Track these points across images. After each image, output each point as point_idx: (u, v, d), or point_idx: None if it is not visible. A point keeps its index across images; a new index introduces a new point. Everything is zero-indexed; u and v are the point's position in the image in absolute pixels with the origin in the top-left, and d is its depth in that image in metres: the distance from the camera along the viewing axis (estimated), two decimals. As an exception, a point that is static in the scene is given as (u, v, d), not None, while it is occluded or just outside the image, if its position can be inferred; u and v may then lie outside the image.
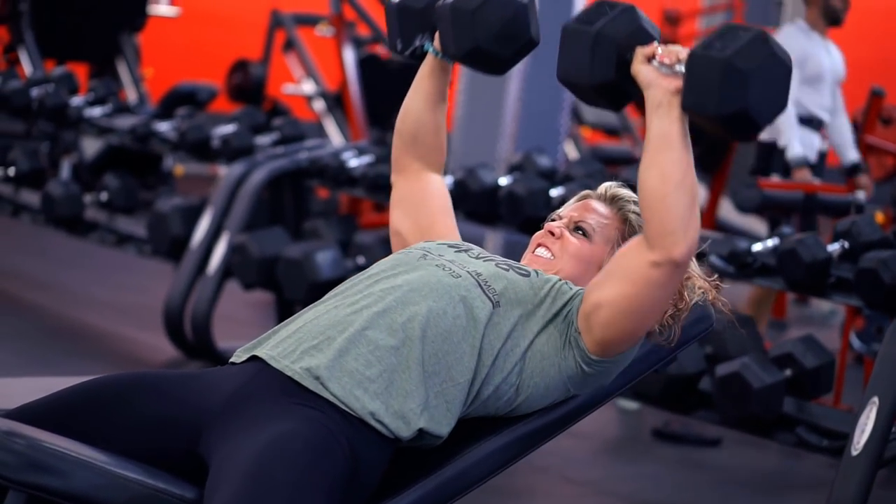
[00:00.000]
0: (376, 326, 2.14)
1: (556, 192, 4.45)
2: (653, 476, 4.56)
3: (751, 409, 3.67)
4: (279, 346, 2.16)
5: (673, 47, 2.10)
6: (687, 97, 2.06)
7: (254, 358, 2.18)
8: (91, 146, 8.03)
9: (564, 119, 6.04)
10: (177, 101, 7.65)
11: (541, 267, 2.34)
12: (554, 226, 2.39)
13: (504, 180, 4.65)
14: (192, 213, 5.29)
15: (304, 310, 2.24)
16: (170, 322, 5.15)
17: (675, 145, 2.07)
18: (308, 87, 8.51)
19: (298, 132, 5.67)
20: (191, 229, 5.25)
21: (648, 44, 2.11)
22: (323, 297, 2.26)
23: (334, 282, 4.62)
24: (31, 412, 2.11)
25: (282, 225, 5.24)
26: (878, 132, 6.93)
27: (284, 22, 8.57)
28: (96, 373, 2.22)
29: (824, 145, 5.98)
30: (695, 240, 2.09)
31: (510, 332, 2.19)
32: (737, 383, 3.68)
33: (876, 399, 3.26)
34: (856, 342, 5.62)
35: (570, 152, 8.65)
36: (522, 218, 4.47)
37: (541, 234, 2.40)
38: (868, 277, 3.53)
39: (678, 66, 2.08)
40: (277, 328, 2.23)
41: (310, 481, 2.00)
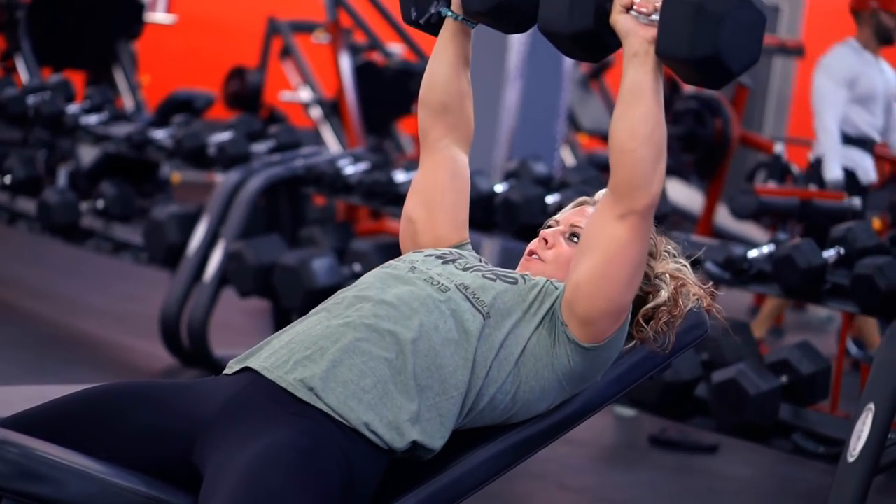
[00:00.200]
0: (369, 339, 2.13)
1: (552, 198, 4.44)
2: (649, 483, 4.56)
3: (747, 416, 3.66)
4: (271, 357, 2.15)
5: None
6: (660, 42, 2.07)
7: (246, 369, 2.17)
8: (88, 154, 8.03)
9: (561, 126, 6.03)
10: (173, 109, 7.65)
11: (535, 274, 2.33)
12: (548, 233, 2.39)
13: (500, 187, 4.65)
14: (189, 221, 5.29)
15: (295, 322, 2.24)
16: (166, 330, 5.14)
17: (646, 98, 2.09)
18: (305, 94, 8.51)
19: (294, 139, 5.67)
20: (187, 237, 5.25)
21: None
22: (316, 307, 2.25)
23: (331, 289, 4.62)
24: (25, 421, 2.10)
25: (278, 232, 5.24)
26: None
27: (281, 29, 8.57)
28: (93, 381, 2.22)
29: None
30: (658, 193, 2.12)
31: (503, 342, 2.19)
32: (733, 390, 3.68)
33: (872, 405, 3.26)
34: (853, 348, 5.63)
35: (567, 159, 8.65)
36: (518, 225, 4.46)
37: (534, 243, 2.40)
38: (864, 283, 3.53)
39: (655, 14, 2.09)
40: (269, 339, 2.22)
41: (304, 491, 1.99)
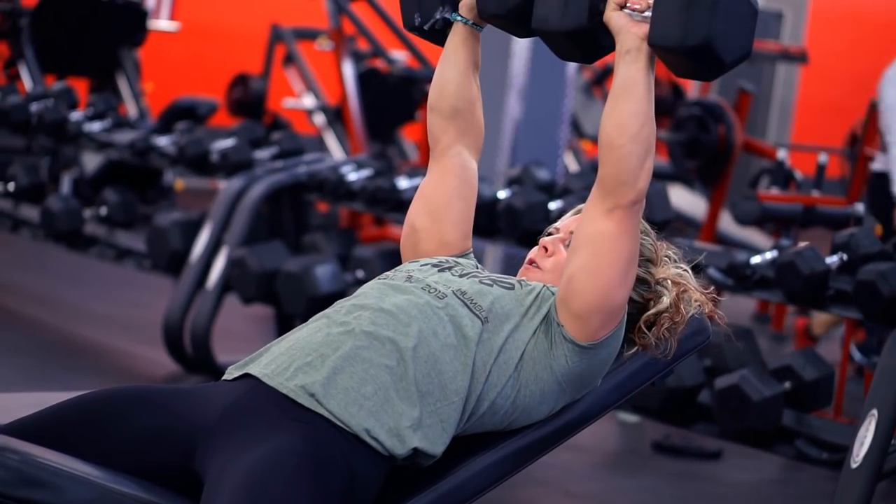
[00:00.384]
0: (370, 346, 2.14)
1: (554, 205, 4.44)
2: (653, 489, 4.55)
3: (750, 422, 3.66)
4: (272, 363, 2.15)
5: None
6: (653, 31, 2.09)
7: (246, 375, 2.17)
8: (92, 161, 8.03)
9: (564, 132, 6.03)
10: (177, 116, 7.66)
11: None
12: (547, 241, 2.39)
13: (503, 193, 4.64)
14: (192, 228, 5.29)
15: (294, 329, 2.24)
16: (169, 336, 5.14)
17: (637, 95, 2.10)
18: (308, 101, 8.50)
19: (297, 146, 5.67)
20: (190, 244, 5.25)
21: None
22: (315, 315, 2.26)
23: (334, 296, 4.62)
24: (25, 427, 2.10)
25: (281, 239, 5.24)
26: (878, 144, 6.92)
27: (284, 36, 8.57)
28: (96, 387, 2.21)
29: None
30: (644, 189, 2.14)
31: (502, 346, 2.19)
32: (736, 396, 3.67)
33: (875, 411, 3.25)
34: (856, 354, 5.61)
35: (571, 165, 8.64)
36: (521, 231, 4.45)
37: (534, 251, 2.40)
38: (866, 290, 3.52)
39: (648, 11, 2.11)
40: (268, 346, 2.22)
41: (306, 496, 1.99)
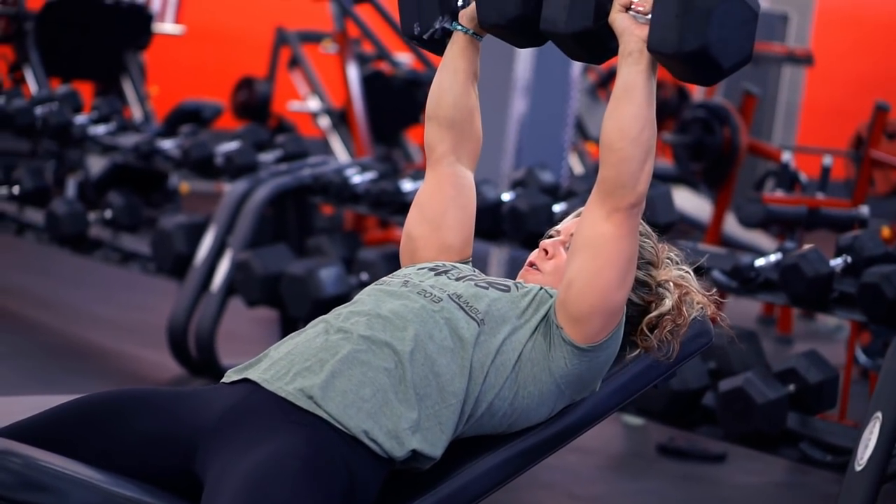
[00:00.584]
0: (368, 350, 2.14)
1: (558, 207, 4.44)
2: (657, 492, 4.54)
3: (754, 425, 3.65)
4: (271, 368, 2.15)
5: None
6: (651, 37, 2.09)
7: (246, 380, 2.17)
8: (97, 164, 8.03)
9: (568, 134, 6.03)
10: (182, 119, 7.67)
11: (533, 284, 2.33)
12: (548, 244, 2.39)
13: (506, 196, 4.64)
14: (196, 231, 5.29)
15: (293, 334, 2.24)
16: (174, 339, 5.14)
17: (638, 98, 2.10)
18: (313, 104, 8.51)
19: (302, 149, 5.67)
20: (194, 247, 5.25)
21: None
22: (313, 320, 2.26)
23: (338, 298, 4.62)
24: (26, 430, 2.10)
25: (285, 242, 5.24)
26: (884, 146, 6.92)
27: (289, 39, 8.57)
28: (100, 390, 2.21)
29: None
30: (644, 192, 2.14)
31: (499, 348, 2.19)
32: (740, 399, 3.67)
33: (879, 414, 3.24)
34: (861, 357, 5.60)
35: (576, 167, 8.63)
36: (525, 234, 4.46)
37: (534, 254, 2.40)
38: (871, 292, 3.51)
39: (651, 14, 2.11)
40: (267, 351, 2.22)
41: (307, 499, 1.99)
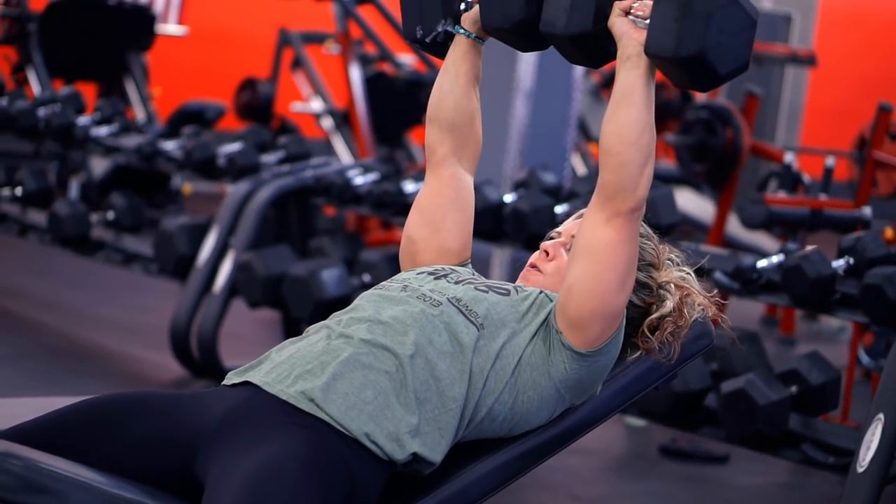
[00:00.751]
0: (369, 353, 2.14)
1: (561, 209, 4.44)
2: (660, 493, 4.54)
3: (756, 426, 3.65)
4: (272, 372, 2.15)
5: (648, 1, 2.12)
6: (648, 41, 2.09)
7: (246, 382, 2.17)
8: (99, 165, 8.04)
9: (571, 135, 6.03)
10: (185, 120, 7.66)
11: (533, 286, 2.33)
12: (549, 245, 2.39)
13: (509, 197, 4.64)
14: (198, 232, 5.29)
15: (292, 339, 2.24)
16: (176, 341, 5.15)
17: (636, 102, 2.10)
18: (316, 104, 8.51)
19: (304, 150, 5.67)
20: (197, 248, 5.25)
21: None
22: (315, 324, 2.26)
23: (340, 300, 4.62)
24: (27, 432, 2.10)
25: (288, 243, 5.23)
26: (887, 147, 6.90)
27: (292, 40, 8.57)
28: (102, 392, 2.21)
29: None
30: (644, 196, 2.13)
31: (499, 353, 2.19)
32: (742, 400, 3.66)
33: (881, 416, 3.24)
34: (864, 358, 5.60)
35: (579, 168, 8.63)
36: (527, 235, 4.46)
37: (535, 255, 2.40)
38: (873, 293, 3.51)
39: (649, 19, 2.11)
40: (268, 353, 2.22)
41: (308, 500, 1.99)
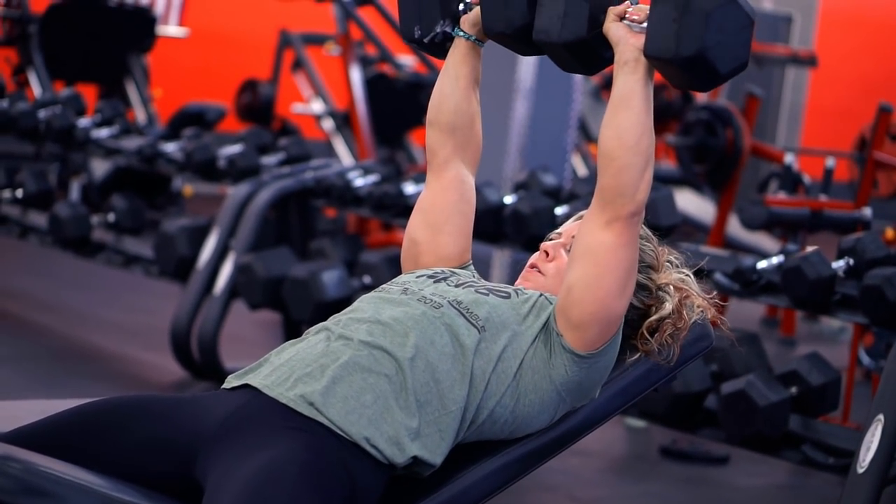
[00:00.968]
0: (368, 356, 2.14)
1: (561, 210, 4.44)
2: (660, 494, 4.54)
3: (756, 427, 3.65)
4: (272, 375, 2.15)
5: (643, 5, 2.12)
6: (648, 43, 2.09)
7: (246, 385, 2.17)
8: (100, 167, 8.04)
9: (571, 136, 6.03)
10: (185, 122, 7.67)
11: (533, 287, 2.34)
12: (549, 245, 2.39)
13: (509, 199, 4.64)
14: (199, 234, 5.29)
15: (292, 341, 2.24)
16: (177, 342, 5.15)
17: (635, 106, 2.10)
18: (317, 106, 8.51)
19: (304, 152, 5.67)
20: (197, 250, 5.25)
21: (620, 3, 2.14)
22: (315, 326, 2.26)
23: (340, 301, 4.62)
24: (27, 435, 2.11)
25: (288, 245, 5.24)
26: (887, 148, 6.90)
27: (293, 41, 8.57)
28: (102, 394, 2.22)
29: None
30: (643, 200, 2.13)
31: (500, 355, 2.19)
32: (742, 401, 3.66)
33: (881, 416, 3.23)
34: (864, 359, 5.60)
35: (580, 169, 8.63)
36: (527, 236, 4.46)
37: (535, 256, 2.40)
38: (873, 294, 3.51)
39: (647, 22, 2.10)
40: (267, 356, 2.22)
41: (308, 504, 1.99)
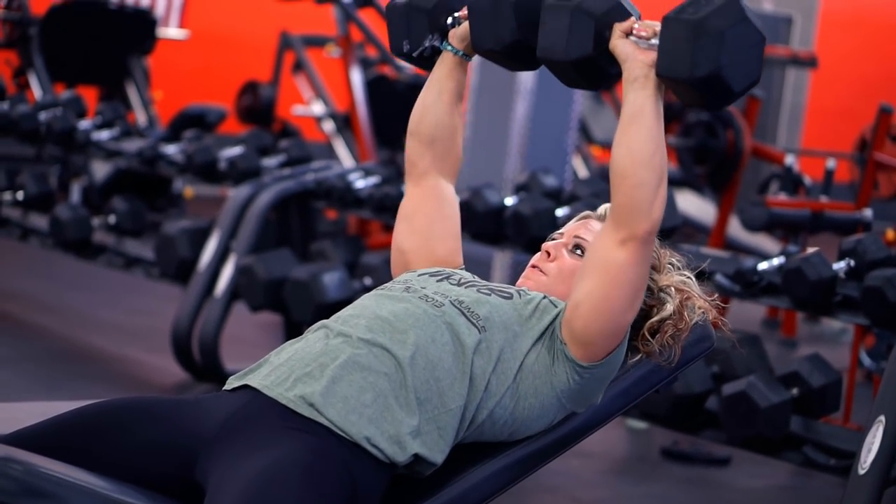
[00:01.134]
0: (368, 354, 2.14)
1: (561, 211, 4.44)
2: (662, 496, 4.54)
3: (757, 429, 3.65)
4: (271, 375, 2.15)
5: (650, 21, 2.11)
6: (661, 63, 2.08)
7: (246, 386, 2.17)
8: (101, 169, 8.04)
9: (572, 138, 6.03)
10: (186, 124, 7.66)
11: (535, 287, 2.34)
12: (550, 245, 2.39)
13: (510, 200, 4.64)
14: (200, 236, 5.29)
15: (292, 341, 2.24)
16: (178, 344, 5.15)
17: (647, 122, 2.09)
18: (317, 108, 8.51)
19: (305, 154, 5.67)
20: (198, 251, 5.25)
21: (626, 20, 2.13)
22: (313, 325, 2.26)
23: (341, 303, 4.61)
24: (28, 437, 2.11)
25: (289, 246, 5.24)
26: (888, 149, 6.90)
27: (293, 43, 8.57)
28: (103, 395, 2.21)
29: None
30: (659, 218, 2.11)
31: (500, 356, 2.18)
32: (743, 403, 3.66)
33: (882, 418, 3.23)
34: (866, 360, 5.60)
35: (580, 170, 8.62)
36: (528, 238, 4.46)
37: (537, 256, 2.40)
38: (874, 295, 3.51)
39: (654, 39, 2.09)
40: (268, 357, 2.22)
41: (309, 506, 1.99)
